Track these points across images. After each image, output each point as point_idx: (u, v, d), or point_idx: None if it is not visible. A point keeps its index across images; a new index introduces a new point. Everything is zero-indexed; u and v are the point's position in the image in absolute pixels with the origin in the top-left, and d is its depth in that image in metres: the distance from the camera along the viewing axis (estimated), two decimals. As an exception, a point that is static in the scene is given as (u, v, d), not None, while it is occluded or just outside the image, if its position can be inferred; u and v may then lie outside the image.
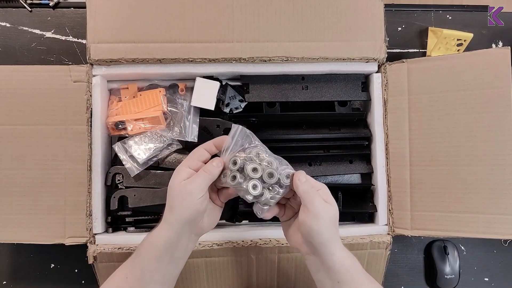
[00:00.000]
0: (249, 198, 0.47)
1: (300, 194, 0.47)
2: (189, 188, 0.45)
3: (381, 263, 0.64)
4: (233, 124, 0.50)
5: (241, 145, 0.49)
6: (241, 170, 0.47)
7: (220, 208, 0.52)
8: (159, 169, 0.66)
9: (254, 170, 0.46)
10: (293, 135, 0.68)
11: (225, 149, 0.49)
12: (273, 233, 0.63)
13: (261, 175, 0.47)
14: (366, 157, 0.69)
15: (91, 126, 0.62)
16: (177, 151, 0.67)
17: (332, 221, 0.47)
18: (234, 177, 0.47)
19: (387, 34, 0.65)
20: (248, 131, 0.49)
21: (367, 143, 0.69)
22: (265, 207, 0.48)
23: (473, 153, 0.60)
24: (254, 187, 0.47)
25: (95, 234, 0.62)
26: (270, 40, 0.63)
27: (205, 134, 0.66)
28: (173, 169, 0.65)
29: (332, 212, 0.47)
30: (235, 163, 0.47)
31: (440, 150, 0.62)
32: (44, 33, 0.73)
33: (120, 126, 0.65)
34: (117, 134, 0.66)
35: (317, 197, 0.46)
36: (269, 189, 0.48)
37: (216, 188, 0.51)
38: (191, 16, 0.62)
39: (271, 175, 0.47)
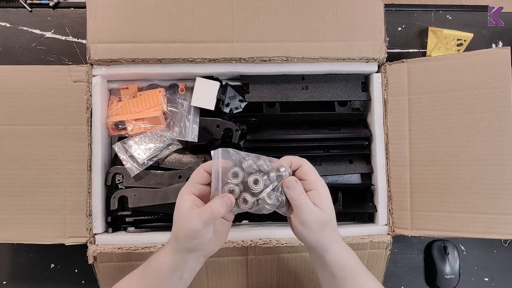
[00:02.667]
0: (268, 208, 0.46)
1: (290, 200, 0.46)
2: (193, 222, 0.43)
3: (381, 263, 0.64)
4: (212, 151, 0.46)
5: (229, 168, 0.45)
6: (246, 188, 0.45)
7: (229, 223, 0.50)
8: (159, 169, 0.67)
9: (256, 182, 0.45)
10: (293, 135, 0.68)
11: (216, 176, 0.45)
12: (273, 233, 0.63)
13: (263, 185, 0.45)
14: (366, 157, 0.69)
15: (91, 126, 0.62)
16: (177, 151, 0.67)
17: (321, 225, 0.45)
18: (245, 200, 0.45)
19: (387, 34, 0.65)
20: (227, 149, 0.46)
21: (367, 143, 0.69)
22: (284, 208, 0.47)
23: (473, 153, 0.60)
24: (269, 196, 0.45)
25: (95, 234, 0.62)
26: (270, 40, 0.63)
27: (205, 134, 0.66)
28: (173, 169, 0.66)
29: (321, 217, 0.45)
30: (237, 190, 0.45)
31: (440, 150, 0.62)
32: (44, 33, 0.73)
33: (120, 126, 0.65)
34: (117, 134, 0.66)
35: (304, 204, 0.45)
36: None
37: None
38: (191, 16, 0.62)
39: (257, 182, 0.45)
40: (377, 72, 0.67)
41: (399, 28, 0.78)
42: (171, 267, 0.46)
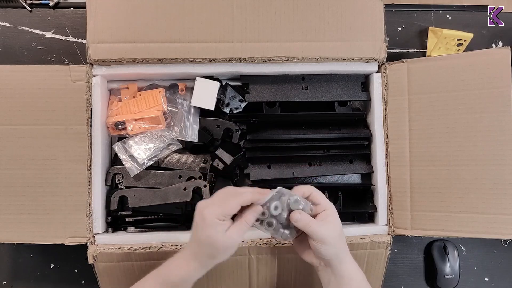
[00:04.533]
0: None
1: (301, 229, 0.50)
2: (235, 238, 0.48)
3: (381, 263, 0.64)
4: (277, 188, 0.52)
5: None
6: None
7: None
8: (159, 169, 0.67)
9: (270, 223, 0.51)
10: (293, 135, 0.68)
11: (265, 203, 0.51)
12: (273, 233, 0.63)
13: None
14: (366, 157, 0.69)
15: (91, 126, 0.62)
16: (177, 151, 0.67)
17: (337, 238, 0.50)
18: (270, 224, 0.51)
19: (387, 34, 0.65)
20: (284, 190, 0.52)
21: (367, 143, 0.69)
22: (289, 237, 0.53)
23: (473, 153, 0.60)
24: (290, 234, 0.52)
25: (95, 234, 0.62)
26: (270, 40, 0.63)
27: (205, 134, 0.66)
28: (173, 169, 0.66)
29: (335, 231, 0.50)
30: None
31: (440, 150, 0.62)
32: (44, 33, 0.73)
33: (120, 126, 0.65)
34: (117, 134, 0.66)
35: (315, 227, 0.49)
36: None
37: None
38: (191, 16, 0.62)
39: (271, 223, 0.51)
40: (377, 72, 0.67)
41: (399, 28, 0.78)
42: (194, 280, 0.50)
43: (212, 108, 0.65)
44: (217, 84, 0.65)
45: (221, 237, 0.47)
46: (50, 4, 0.73)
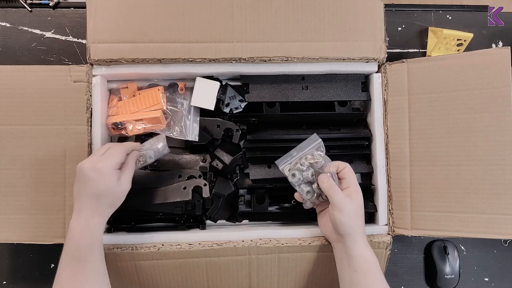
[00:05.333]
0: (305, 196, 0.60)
1: (323, 191, 0.56)
2: (128, 184, 0.56)
3: (381, 263, 0.64)
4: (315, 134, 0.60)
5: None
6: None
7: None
8: (159, 168, 0.66)
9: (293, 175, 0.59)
10: (293, 135, 0.68)
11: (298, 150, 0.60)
12: (273, 233, 0.63)
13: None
14: (366, 157, 0.69)
15: (91, 126, 0.62)
16: (177, 150, 0.67)
17: (353, 213, 0.54)
18: (293, 175, 0.58)
19: (387, 34, 0.65)
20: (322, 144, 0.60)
21: (367, 143, 0.69)
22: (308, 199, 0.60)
23: (473, 153, 0.60)
24: (307, 192, 0.59)
25: (95, 234, 0.62)
26: (270, 40, 0.63)
27: (205, 135, 0.66)
28: (173, 169, 0.66)
29: (353, 205, 0.55)
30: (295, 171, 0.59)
31: (440, 150, 0.62)
32: (44, 33, 0.73)
33: (120, 126, 0.65)
34: (117, 134, 0.66)
35: (337, 193, 0.55)
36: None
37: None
38: (191, 16, 0.62)
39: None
40: (377, 72, 0.67)
41: (399, 28, 0.78)
42: (100, 234, 0.53)
43: (212, 108, 0.65)
44: (217, 84, 0.65)
45: (118, 184, 0.53)
46: (50, 4, 0.73)
